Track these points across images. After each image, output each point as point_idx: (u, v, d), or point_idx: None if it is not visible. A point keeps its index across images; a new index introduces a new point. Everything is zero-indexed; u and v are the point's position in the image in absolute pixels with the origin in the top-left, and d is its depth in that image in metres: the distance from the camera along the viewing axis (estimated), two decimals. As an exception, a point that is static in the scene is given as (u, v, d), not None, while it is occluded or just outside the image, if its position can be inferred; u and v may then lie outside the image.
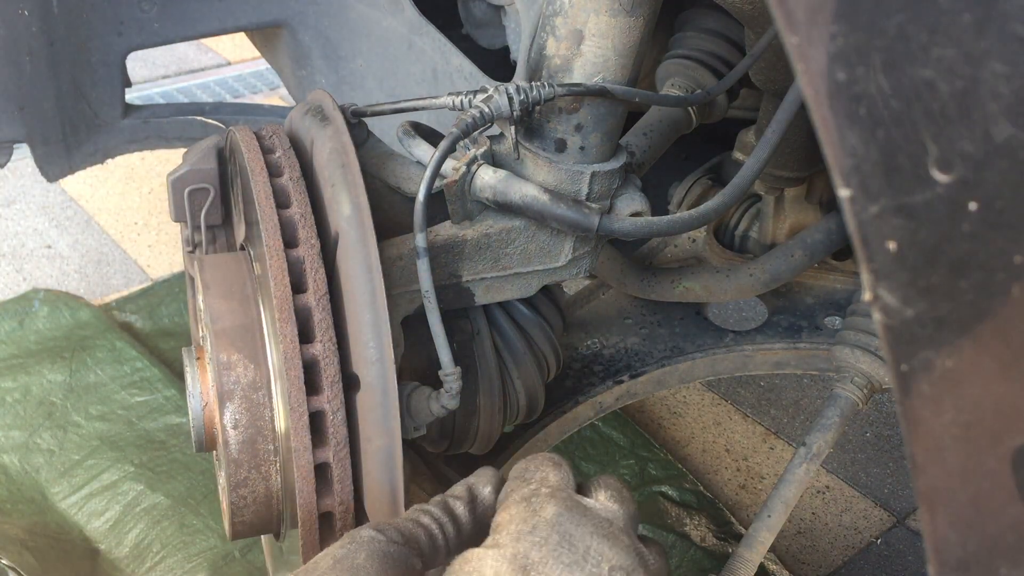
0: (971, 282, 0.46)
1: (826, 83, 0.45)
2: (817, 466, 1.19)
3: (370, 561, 0.67)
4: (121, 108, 1.72)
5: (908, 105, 0.44)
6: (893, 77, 0.44)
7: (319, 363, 0.82)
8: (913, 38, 0.44)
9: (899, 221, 0.46)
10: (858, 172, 0.45)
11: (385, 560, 0.67)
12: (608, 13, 0.86)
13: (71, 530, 1.80)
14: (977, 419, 0.48)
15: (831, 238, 1.25)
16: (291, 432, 0.81)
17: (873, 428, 2.22)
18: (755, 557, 1.16)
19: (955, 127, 0.44)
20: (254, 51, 2.01)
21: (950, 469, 0.49)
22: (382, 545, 0.68)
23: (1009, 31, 0.43)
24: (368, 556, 0.67)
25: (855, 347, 1.21)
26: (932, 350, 0.47)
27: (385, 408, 0.81)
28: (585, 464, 2.05)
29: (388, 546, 0.68)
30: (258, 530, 0.95)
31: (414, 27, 1.50)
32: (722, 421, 2.24)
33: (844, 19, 0.44)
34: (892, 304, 0.47)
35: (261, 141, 0.94)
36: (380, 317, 0.81)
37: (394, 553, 0.68)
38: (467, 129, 0.87)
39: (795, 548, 1.95)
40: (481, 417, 1.08)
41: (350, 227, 0.83)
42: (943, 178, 0.45)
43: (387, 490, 0.82)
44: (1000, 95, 0.43)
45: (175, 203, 1.12)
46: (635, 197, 0.97)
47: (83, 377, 2.09)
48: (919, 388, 0.48)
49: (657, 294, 1.35)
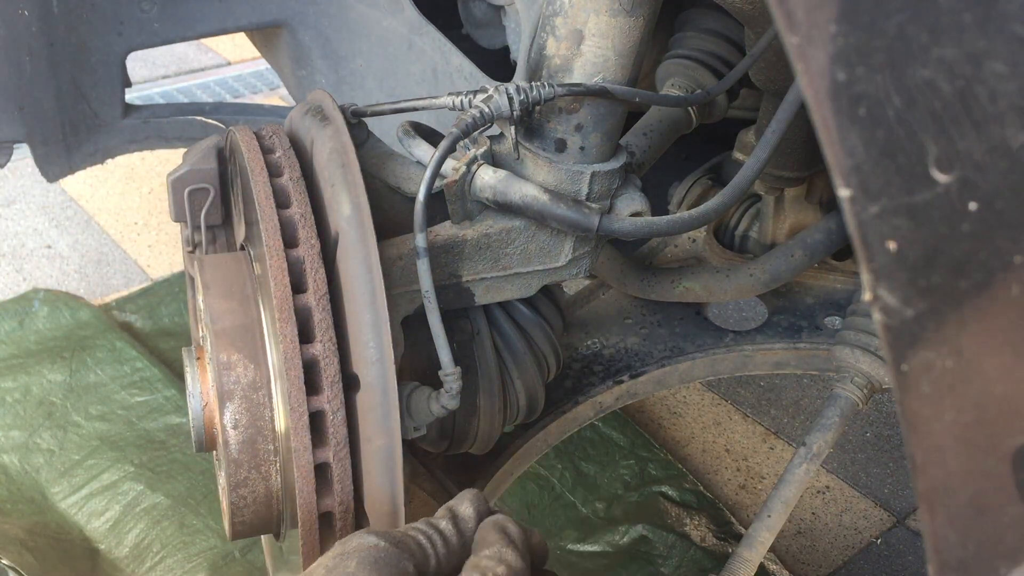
0: (971, 282, 0.46)
1: (826, 83, 0.45)
2: (817, 466, 1.19)
3: (361, 568, 0.68)
4: (121, 108, 1.72)
5: (908, 105, 0.44)
6: (893, 77, 0.44)
7: (319, 363, 0.82)
8: (913, 38, 0.44)
9: (899, 221, 0.46)
10: (858, 172, 0.45)
11: (376, 565, 0.68)
12: (608, 13, 0.86)
13: (71, 530, 1.80)
14: (977, 419, 0.48)
15: (831, 238, 1.25)
16: (291, 432, 0.81)
17: (873, 428, 2.22)
18: (755, 557, 1.16)
19: (955, 127, 0.44)
20: (254, 51, 2.01)
21: (950, 469, 0.49)
22: (372, 551, 0.69)
23: (1009, 31, 0.43)
24: (359, 563, 0.68)
25: (855, 347, 1.21)
26: (932, 350, 0.47)
27: (385, 408, 0.81)
28: (585, 464, 2.05)
29: (378, 552, 0.69)
30: (258, 530, 0.95)
31: (414, 27, 1.50)
32: (722, 421, 2.24)
33: (844, 19, 0.44)
34: (892, 304, 0.47)
35: (261, 141, 0.94)
36: (380, 317, 0.81)
37: (384, 558, 0.69)
38: (467, 129, 0.87)
39: (795, 548, 1.95)
40: (481, 417, 1.08)
41: (350, 227, 0.83)
42: (943, 178, 0.45)
43: (387, 490, 0.82)
44: (1000, 95, 0.43)
45: (175, 203, 1.12)
46: (635, 197, 0.97)
47: (83, 377, 2.09)
48: (919, 388, 0.48)
49: (657, 294, 1.35)
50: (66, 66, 1.58)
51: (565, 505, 1.97)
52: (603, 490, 2.00)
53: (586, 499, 1.98)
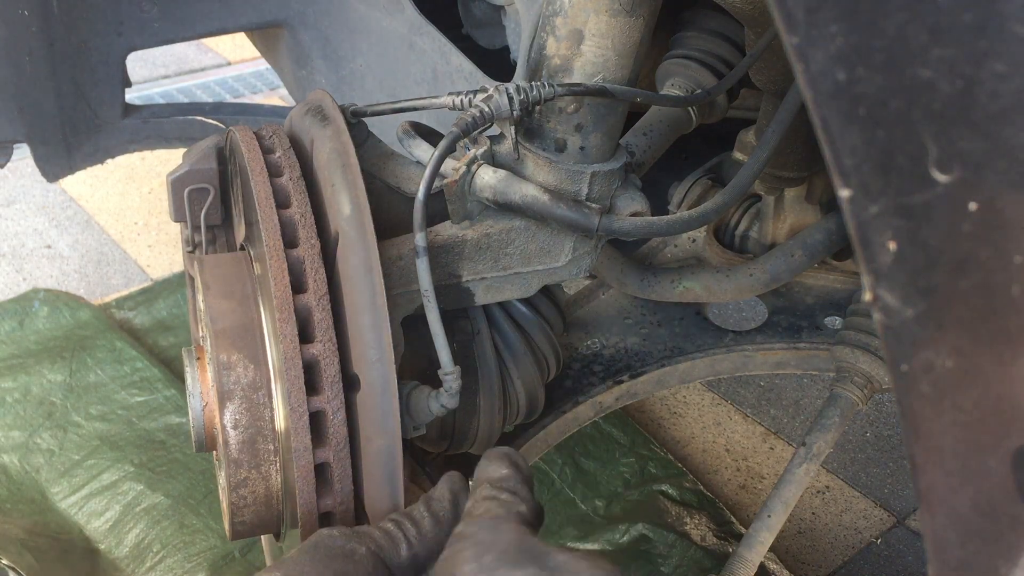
0: (971, 282, 0.46)
1: (826, 83, 0.45)
2: (817, 466, 1.19)
3: (304, 554, 0.72)
4: (121, 108, 1.72)
5: (908, 105, 0.44)
6: (893, 77, 0.44)
7: (319, 363, 0.82)
8: (913, 38, 0.44)
9: (899, 221, 0.46)
10: (858, 172, 0.45)
11: (318, 551, 0.72)
12: (608, 13, 0.86)
13: (71, 530, 1.80)
14: (977, 419, 0.48)
15: (831, 238, 1.25)
16: (291, 432, 0.81)
17: (873, 428, 2.22)
18: (755, 557, 1.16)
19: (955, 127, 0.44)
20: (254, 51, 2.01)
21: (950, 469, 0.49)
22: (324, 540, 0.73)
23: (1009, 31, 0.43)
24: (303, 551, 0.72)
25: (855, 347, 1.21)
26: (932, 350, 0.47)
27: (385, 408, 0.81)
28: (585, 460, 2.05)
29: (330, 540, 0.73)
30: (258, 530, 0.95)
31: (414, 27, 1.50)
32: (722, 421, 2.24)
33: (844, 19, 0.44)
34: (892, 304, 0.47)
35: (261, 141, 0.94)
36: (380, 317, 0.81)
37: (332, 544, 0.73)
38: (467, 129, 0.87)
39: (795, 548, 1.95)
40: (481, 417, 1.08)
41: (350, 227, 0.83)
42: (943, 178, 0.45)
43: (387, 490, 0.82)
44: (1000, 95, 0.43)
45: (175, 203, 1.12)
46: (635, 197, 0.97)
47: (83, 377, 2.09)
48: (919, 388, 0.48)
49: (657, 294, 1.35)
50: (66, 66, 1.58)
51: (565, 502, 1.97)
52: (603, 488, 2.00)
53: (586, 496, 1.98)
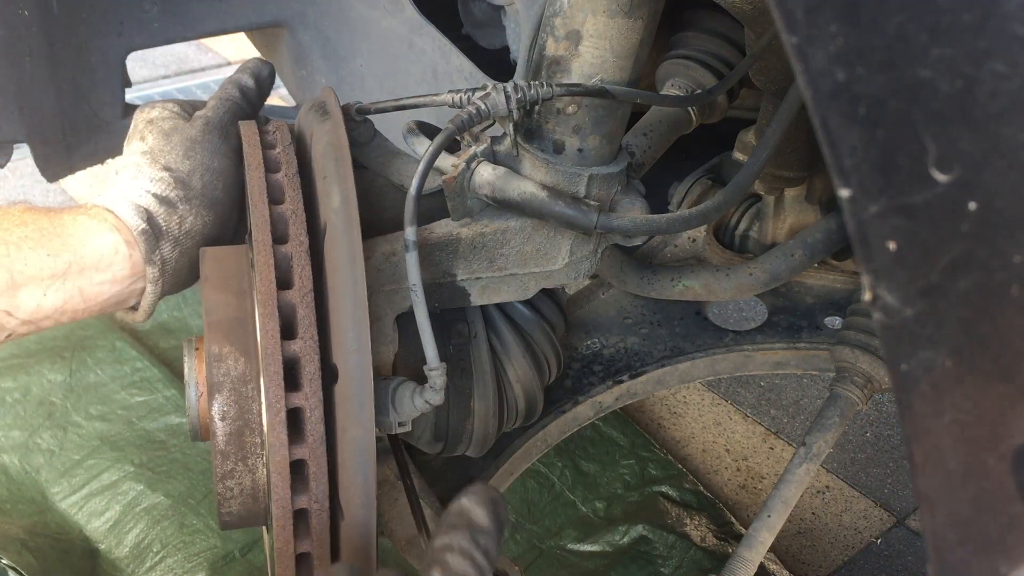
0: (971, 282, 0.46)
1: (826, 83, 0.45)
2: (817, 466, 1.19)
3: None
4: (121, 108, 1.72)
5: (908, 105, 0.44)
6: (893, 77, 0.44)
7: (300, 360, 0.82)
8: (913, 38, 0.43)
9: (899, 221, 0.46)
10: (858, 172, 0.45)
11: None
12: (606, 14, 0.86)
13: (71, 530, 1.80)
14: (977, 419, 0.48)
15: (831, 238, 1.25)
16: (267, 428, 0.81)
17: (873, 428, 2.22)
18: (755, 557, 1.16)
19: (955, 127, 0.44)
20: (254, 51, 2.01)
21: (950, 469, 0.49)
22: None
23: (1009, 31, 0.43)
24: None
25: (855, 347, 1.21)
26: (932, 350, 0.47)
27: (361, 398, 0.80)
28: (585, 463, 2.05)
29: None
30: (247, 522, 0.95)
31: (414, 27, 1.50)
32: (722, 421, 2.24)
33: (844, 19, 0.44)
34: (892, 304, 0.47)
35: (264, 136, 0.94)
36: (360, 307, 0.80)
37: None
38: (462, 125, 0.87)
39: (795, 548, 1.95)
40: (476, 420, 1.08)
41: (337, 218, 0.83)
42: (943, 178, 0.45)
43: (359, 480, 0.81)
44: (1000, 95, 0.43)
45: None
46: (636, 203, 0.96)
47: (83, 377, 2.09)
48: (919, 388, 0.48)
49: (657, 292, 1.35)
50: (66, 66, 1.58)
51: (565, 504, 1.97)
52: (603, 489, 2.00)
53: (586, 498, 1.98)
